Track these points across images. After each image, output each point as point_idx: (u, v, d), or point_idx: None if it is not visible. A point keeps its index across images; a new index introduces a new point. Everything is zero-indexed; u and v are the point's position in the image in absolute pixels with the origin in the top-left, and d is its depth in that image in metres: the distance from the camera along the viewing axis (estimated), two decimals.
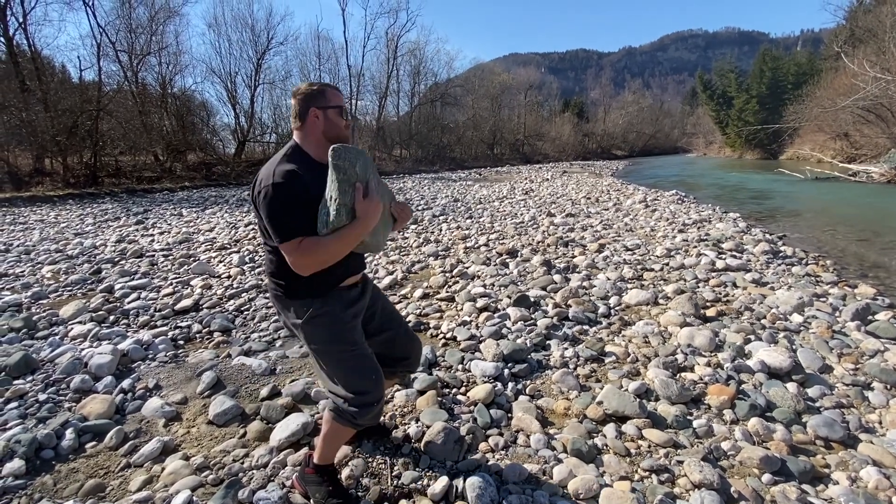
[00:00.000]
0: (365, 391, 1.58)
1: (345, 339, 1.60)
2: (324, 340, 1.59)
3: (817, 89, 30.37)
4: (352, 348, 1.60)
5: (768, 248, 5.49)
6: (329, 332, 1.58)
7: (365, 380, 1.60)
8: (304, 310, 1.56)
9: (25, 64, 16.31)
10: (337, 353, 1.60)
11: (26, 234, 7.33)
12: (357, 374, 1.60)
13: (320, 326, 1.57)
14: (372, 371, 1.62)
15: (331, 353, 1.60)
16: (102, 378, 2.61)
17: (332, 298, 1.59)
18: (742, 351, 2.90)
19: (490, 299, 3.80)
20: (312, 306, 1.56)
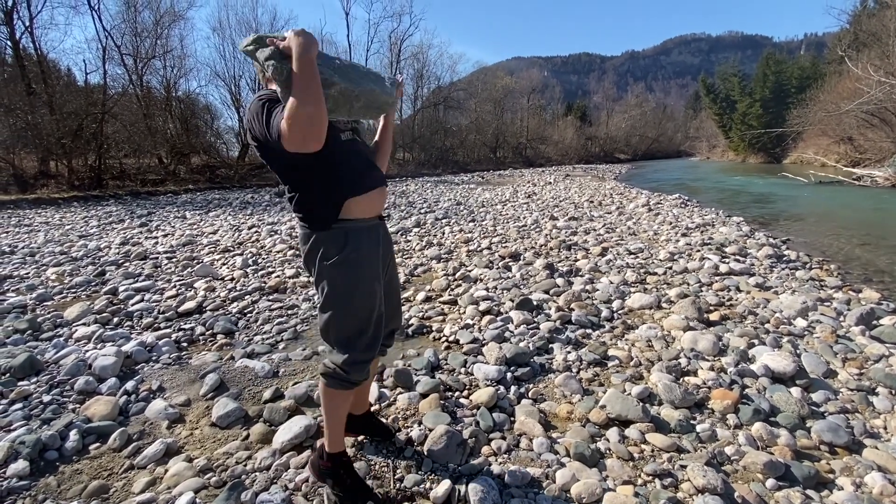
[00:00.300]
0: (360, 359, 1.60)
1: (364, 294, 1.58)
2: (348, 286, 1.57)
3: (821, 93, 30.33)
4: (369, 305, 1.60)
5: (772, 252, 5.48)
6: (358, 278, 1.57)
7: (367, 346, 1.61)
8: (333, 248, 1.55)
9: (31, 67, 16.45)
10: (350, 307, 1.58)
11: (31, 237, 7.36)
12: (361, 338, 1.60)
13: (352, 269, 1.56)
14: (377, 339, 1.65)
15: (342, 306, 1.57)
16: (106, 380, 2.61)
17: (366, 237, 1.60)
18: (746, 355, 2.89)
19: (493, 302, 3.80)
20: (345, 247, 1.54)
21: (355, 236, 1.57)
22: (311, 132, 1.28)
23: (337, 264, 1.55)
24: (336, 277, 1.56)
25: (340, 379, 1.61)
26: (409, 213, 9.78)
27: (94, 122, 16.07)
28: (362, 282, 1.58)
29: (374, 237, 1.64)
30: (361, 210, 1.60)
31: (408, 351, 3.00)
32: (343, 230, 1.56)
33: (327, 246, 1.56)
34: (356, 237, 1.58)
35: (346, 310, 1.58)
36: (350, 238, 1.56)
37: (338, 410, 1.70)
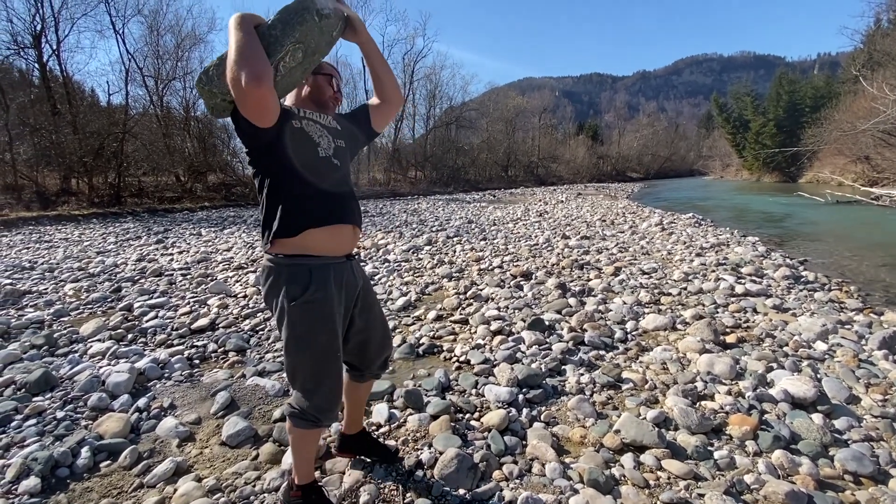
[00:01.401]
0: (324, 400, 1.58)
1: (325, 335, 1.54)
2: (307, 330, 1.52)
3: (836, 112, 30.07)
4: (329, 347, 1.56)
5: (789, 272, 5.38)
6: (317, 322, 1.53)
7: (329, 389, 1.58)
8: (296, 287, 1.51)
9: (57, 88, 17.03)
10: (311, 348, 1.53)
11: (51, 252, 7.52)
12: (323, 379, 1.57)
13: (311, 312, 1.52)
14: (340, 382, 1.63)
15: (304, 347, 1.53)
16: (119, 396, 2.63)
17: (328, 280, 1.54)
18: (764, 379, 2.81)
19: (504, 322, 3.77)
20: (309, 286, 1.51)
21: (319, 275, 1.53)
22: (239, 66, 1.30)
23: (300, 304, 1.51)
24: (299, 318, 1.52)
25: (308, 419, 1.59)
26: (421, 231, 9.82)
27: (114, 142, 16.52)
28: (326, 323, 1.54)
29: (338, 276, 1.60)
30: (325, 246, 1.57)
31: (418, 371, 2.98)
32: (307, 267, 1.52)
33: (290, 284, 1.51)
34: (320, 276, 1.53)
35: (309, 352, 1.54)
36: (314, 277, 1.52)
37: (306, 447, 1.69)
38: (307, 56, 1.53)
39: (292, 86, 1.60)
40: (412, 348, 3.29)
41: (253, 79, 1.29)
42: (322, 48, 1.57)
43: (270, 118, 1.41)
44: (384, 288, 5.04)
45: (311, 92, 1.68)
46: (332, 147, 1.62)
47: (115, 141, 16.53)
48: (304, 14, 1.47)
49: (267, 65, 1.34)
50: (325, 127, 1.64)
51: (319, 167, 1.56)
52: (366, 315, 1.76)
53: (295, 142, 1.52)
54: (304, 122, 1.58)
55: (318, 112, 1.66)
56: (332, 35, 1.58)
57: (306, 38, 1.50)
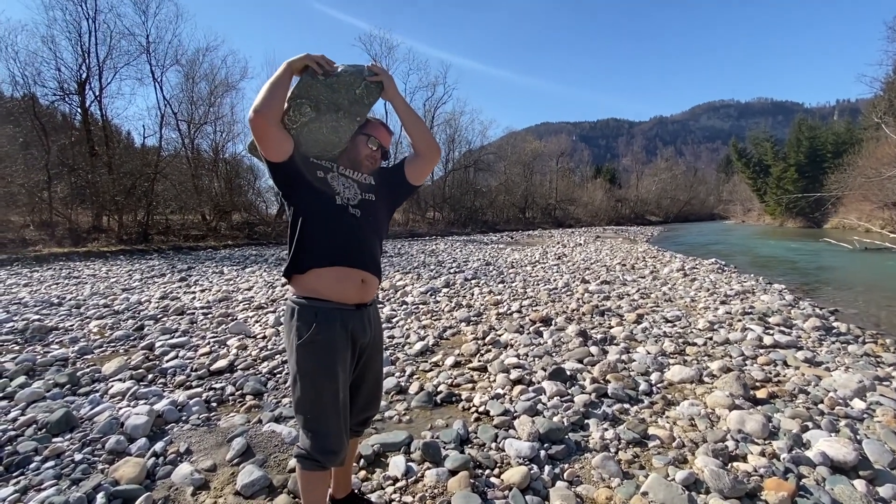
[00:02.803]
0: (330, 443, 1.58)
1: (334, 376, 1.58)
2: (311, 369, 1.57)
3: (859, 158, 29.80)
4: (334, 389, 1.58)
5: (819, 323, 5.20)
6: (321, 362, 1.57)
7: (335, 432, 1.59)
8: (303, 327, 1.57)
9: (97, 131, 17.97)
10: (317, 390, 1.57)
11: (78, 288, 7.73)
12: (329, 422, 1.58)
13: (315, 353, 1.57)
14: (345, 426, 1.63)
15: (310, 388, 1.57)
16: (137, 440, 2.62)
17: (334, 324, 1.59)
18: (800, 440, 2.67)
19: (524, 371, 3.69)
20: (313, 328, 1.56)
21: (324, 318, 1.58)
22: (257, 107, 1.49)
23: (304, 344, 1.57)
24: (302, 358, 1.58)
25: (312, 461, 1.60)
26: (439, 272, 9.84)
27: (146, 181, 17.21)
28: (328, 365, 1.57)
29: (345, 322, 1.62)
30: (332, 289, 1.62)
31: (436, 421, 2.92)
32: (313, 309, 1.59)
33: (299, 324, 1.59)
34: (324, 320, 1.58)
35: (310, 391, 1.57)
36: (319, 319, 1.58)
37: (313, 490, 1.68)
38: (322, 112, 1.63)
39: (323, 140, 1.68)
40: (430, 396, 3.23)
41: (253, 110, 1.49)
42: (345, 105, 1.65)
43: (273, 151, 1.56)
44: (402, 331, 5.01)
45: (348, 150, 1.75)
46: (357, 198, 1.68)
47: (147, 181, 17.23)
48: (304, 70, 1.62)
49: (271, 101, 1.51)
50: (356, 181, 1.72)
51: (333, 214, 1.63)
52: (362, 370, 1.77)
53: (313, 189, 1.63)
54: (331, 175, 1.68)
55: (353, 169, 1.74)
56: (354, 93, 1.66)
57: (309, 94, 1.61)
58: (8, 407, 3.05)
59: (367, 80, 1.67)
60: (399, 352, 4.35)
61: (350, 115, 1.67)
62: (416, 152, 1.85)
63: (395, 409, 3.07)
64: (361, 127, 1.74)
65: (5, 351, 4.28)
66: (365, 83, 1.67)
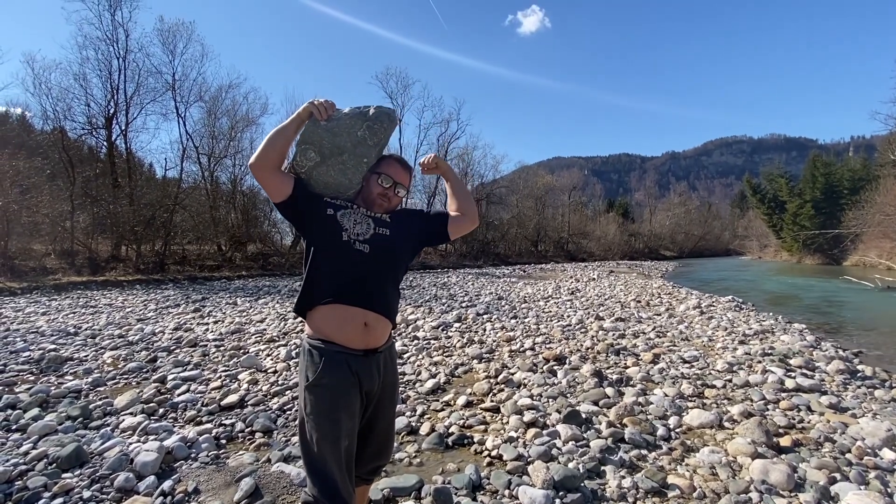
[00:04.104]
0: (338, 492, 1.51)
1: (338, 422, 1.54)
2: (317, 412, 1.55)
3: (877, 195, 29.49)
4: (339, 435, 1.54)
5: (843, 366, 5.03)
6: (326, 406, 1.55)
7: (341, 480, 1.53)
8: (312, 372, 1.58)
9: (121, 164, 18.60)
10: (325, 431, 1.53)
11: (95, 318, 7.82)
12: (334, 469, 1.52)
13: (321, 396, 1.56)
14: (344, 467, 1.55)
15: (316, 426, 1.54)
16: (145, 477, 2.59)
17: (341, 369, 1.58)
18: (828, 493, 2.55)
19: (538, 412, 3.60)
20: (319, 371, 1.56)
21: (329, 362, 1.57)
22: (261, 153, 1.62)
23: (310, 387, 1.57)
24: (307, 400, 1.58)
25: None
26: (451, 306, 9.79)
27: (165, 212, 17.62)
28: (330, 410, 1.55)
29: (353, 367, 1.60)
30: (336, 331, 1.61)
31: (447, 465, 2.84)
32: (320, 352, 1.59)
33: (307, 366, 1.61)
34: (329, 363, 1.57)
35: (313, 435, 1.54)
36: (324, 362, 1.57)
37: None
38: (326, 156, 1.69)
39: (333, 183, 1.73)
40: (441, 438, 3.16)
41: (251, 160, 1.62)
42: (348, 148, 1.70)
43: (272, 194, 1.68)
44: (413, 368, 4.96)
45: (362, 189, 1.79)
46: (368, 233, 1.68)
47: (166, 211, 17.65)
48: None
49: (267, 151, 1.61)
50: (371, 216, 1.74)
51: (339, 250, 1.64)
52: (371, 419, 1.74)
53: (320, 225, 1.68)
54: (343, 212, 1.70)
55: (367, 209, 1.77)
56: (356, 135, 1.70)
57: (312, 139, 1.68)
58: (20, 440, 3.05)
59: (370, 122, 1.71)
60: (410, 389, 4.30)
61: (355, 156, 1.71)
62: (463, 212, 1.96)
63: (405, 451, 3.01)
64: (374, 166, 1.78)
65: (21, 381, 4.32)
66: (367, 124, 1.70)
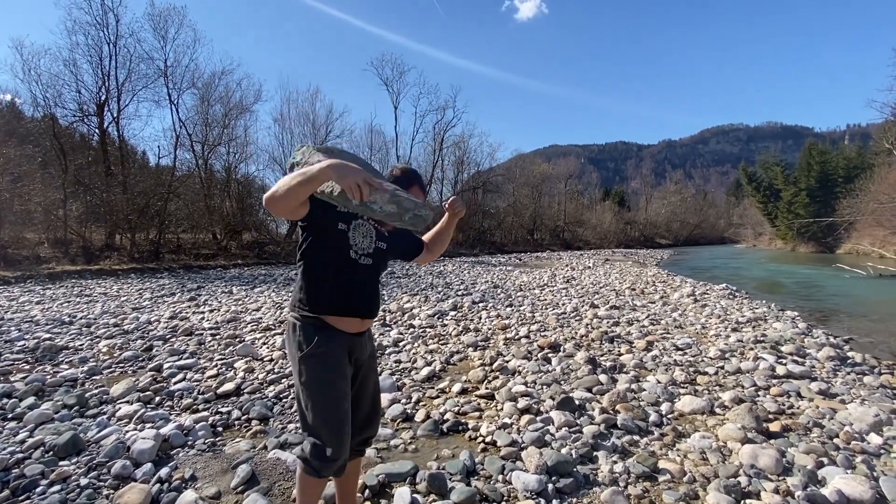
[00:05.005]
0: (330, 451, 1.66)
1: (332, 388, 1.69)
2: (314, 379, 1.69)
3: (871, 184, 29.60)
4: (335, 399, 1.69)
5: (834, 353, 5.10)
6: (323, 373, 1.69)
7: (335, 440, 1.67)
8: (305, 342, 1.70)
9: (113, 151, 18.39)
10: (319, 398, 1.68)
11: (90, 307, 7.80)
12: (329, 429, 1.67)
13: (317, 364, 1.69)
14: (345, 436, 1.69)
15: (312, 397, 1.68)
16: (142, 465, 2.61)
17: (334, 340, 1.72)
18: (815, 476, 2.60)
19: (532, 399, 3.64)
20: (315, 341, 1.69)
21: (324, 334, 1.72)
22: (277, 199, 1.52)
23: (306, 357, 1.70)
24: (305, 370, 1.70)
25: (311, 467, 1.70)
26: (447, 294, 9.82)
27: (159, 201, 17.49)
28: (329, 376, 1.70)
29: (343, 343, 1.76)
30: (336, 322, 1.76)
31: (442, 451, 2.88)
32: (314, 326, 1.73)
33: (300, 338, 1.72)
34: (325, 335, 1.72)
35: (314, 401, 1.68)
36: (319, 334, 1.71)
37: (307, 494, 1.78)
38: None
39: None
40: (436, 425, 3.19)
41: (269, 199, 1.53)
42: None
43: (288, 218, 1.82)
44: (409, 356, 5.00)
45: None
46: (371, 247, 1.84)
47: (160, 200, 17.53)
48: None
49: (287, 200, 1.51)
50: (373, 227, 1.86)
51: (345, 266, 1.76)
52: (359, 388, 1.88)
53: (333, 239, 1.75)
54: (354, 224, 1.79)
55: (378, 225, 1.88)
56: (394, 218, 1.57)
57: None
58: (17, 428, 3.06)
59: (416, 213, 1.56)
60: (406, 377, 4.33)
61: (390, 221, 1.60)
62: (432, 251, 2.19)
63: (400, 438, 3.05)
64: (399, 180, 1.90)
65: (16, 370, 4.32)
66: (412, 215, 1.55)
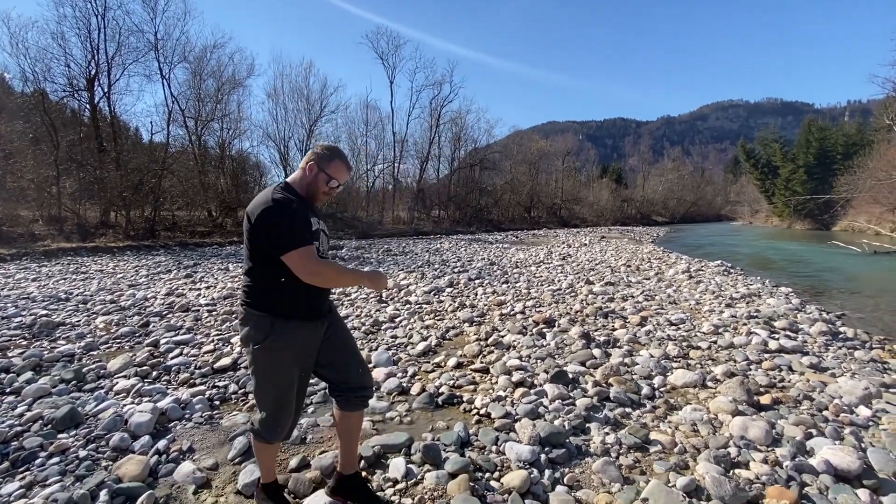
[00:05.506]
0: (277, 425, 1.88)
1: (284, 378, 1.83)
2: (268, 370, 1.82)
3: (870, 160, 29.48)
4: (287, 387, 1.85)
5: (826, 328, 5.16)
6: (276, 365, 1.81)
7: (282, 417, 1.88)
8: (260, 334, 1.78)
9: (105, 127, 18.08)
10: (273, 385, 1.84)
11: (86, 284, 7.79)
12: (278, 409, 1.86)
13: (271, 357, 1.80)
14: (288, 415, 1.90)
15: (267, 383, 1.84)
16: (140, 437, 2.64)
17: (290, 333, 1.80)
18: (803, 447, 2.65)
19: (526, 373, 3.68)
20: (272, 335, 1.78)
21: (280, 327, 1.79)
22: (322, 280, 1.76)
23: (260, 349, 1.79)
24: (259, 360, 1.81)
25: (260, 435, 1.90)
26: (443, 272, 9.84)
27: (153, 178, 17.30)
28: (282, 366, 1.82)
29: (303, 330, 1.85)
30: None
31: (437, 423, 2.92)
32: (270, 320, 1.79)
33: (255, 330, 1.80)
34: (281, 329, 1.79)
35: (265, 386, 1.85)
36: (275, 328, 1.79)
37: (263, 456, 2.00)
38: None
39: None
40: (431, 398, 3.23)
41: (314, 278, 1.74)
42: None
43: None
44: (405, 331, 5.02)
45: (309, 184, 1.90)
46: (327, 248, 2.00)
47: (154, 177, 17.33)
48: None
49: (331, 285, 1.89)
50: (323, 232, 1.95)
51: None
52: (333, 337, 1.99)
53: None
54: (320, 238, 1.89)
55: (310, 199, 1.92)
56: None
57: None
58: (15, 402, 3.08)
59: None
60: (402, 352, 4.36)
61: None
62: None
63: (396, 410, 3.08)
64: (324, 164, 1.88)
65: (13, 346, 4.33)
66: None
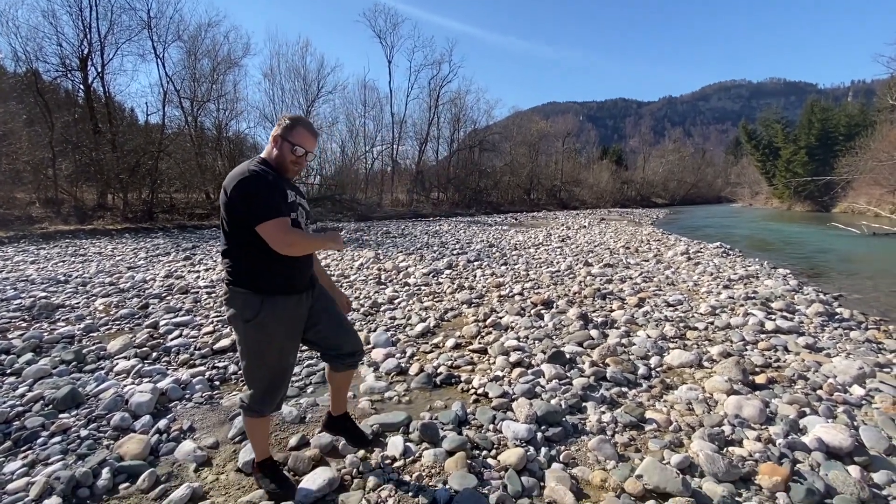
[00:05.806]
0: (270, 397, 1.93)
1: (275, 352, 1.88)
2: (259, 346, 1.85)
3: (871, 141, 29.30)
4: (277, 360, 1.91)
5: (822, 309, 5.18)
6: (267, 340, 1.85)
7: (274, 390, 1.93)
8: (249, 311, 1.80)
9: (100, 108, 17.85)
10: (265, 360, 1.88)
11: (85, 266, 7.79)
12: (270, 382, 1.91)
13: (262, 333, 1.83)
14: (281, 387, 1.96)
15: (259, 359, 1.87)
16: (141, 417, 2.67)
17: (279, 307, 1.84)
18: (796, 425, 2.69)
19: (524, 353, 3.71)
20: (259, 312, 1.80)
21: (269, 303, 1.82)
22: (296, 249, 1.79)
23: (251, 326, 1.82)
24: (250, 336, 1.84)
25: (252, 410, 1.94)
26: (442, 254, 9.84)
27: (150, 159, 17.16)
28: (272, 341, 1.86)
29: (289, 304, 1.88)
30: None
31: (435, 402, 2.95)
32: (258, 297, 1.81)
33: (244, 308, 1.81)
34: (270, 304, 1.82)
35: (257, 362, 1.88)
36: (265, 304, 1.81)
37: (256, 433, 2.03)
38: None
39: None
40: (430, 378, 3.26)
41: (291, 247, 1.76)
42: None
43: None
44: (403, 313, 5.04)
45: (277, 156, 1.89)
46: (307, 221, 2.02)
47: (151, 159, 17.19)
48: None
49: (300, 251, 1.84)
50: (302, 206, 1.96)
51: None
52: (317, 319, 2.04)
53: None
54: (298, 211, 1.91)
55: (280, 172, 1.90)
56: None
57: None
58: (16, 383, 3.11)
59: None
60: (400, 333, 4.39)
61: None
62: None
63: (394, 390, 3.11)
64: (287, 133, 1.87)
65: (13, 328, 4.34)
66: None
